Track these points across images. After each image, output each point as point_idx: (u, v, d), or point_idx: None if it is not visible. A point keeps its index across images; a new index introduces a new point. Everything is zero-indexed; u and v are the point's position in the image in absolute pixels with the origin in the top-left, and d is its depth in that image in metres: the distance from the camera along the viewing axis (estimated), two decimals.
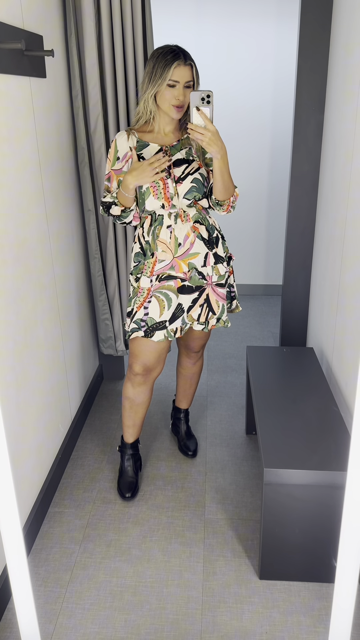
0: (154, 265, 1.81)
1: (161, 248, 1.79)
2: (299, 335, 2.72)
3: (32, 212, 1.82)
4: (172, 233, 1.78)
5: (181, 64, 1.64)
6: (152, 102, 1.71)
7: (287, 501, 1.57)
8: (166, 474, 2.15)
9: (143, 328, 1.83)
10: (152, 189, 1.74)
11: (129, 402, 1.99)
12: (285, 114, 3.66)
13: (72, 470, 2.17)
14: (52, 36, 2.04)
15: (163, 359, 1.94)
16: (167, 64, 1.63)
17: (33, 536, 1.83)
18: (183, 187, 1.75)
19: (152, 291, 1.82)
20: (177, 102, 1.68)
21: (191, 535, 1.85)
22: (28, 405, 1.80)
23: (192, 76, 1.67)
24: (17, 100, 1.68)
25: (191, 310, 1.87)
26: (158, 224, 1.79)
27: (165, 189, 1.74)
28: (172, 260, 1.80)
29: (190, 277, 1.83)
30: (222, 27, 3.51)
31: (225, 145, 1.62)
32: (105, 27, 2.17)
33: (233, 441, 2.35)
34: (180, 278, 1.82)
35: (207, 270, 1.84)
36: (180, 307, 1.84)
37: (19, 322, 1.71)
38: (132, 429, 2.05)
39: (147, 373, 1.93)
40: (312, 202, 2.49)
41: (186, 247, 1.79)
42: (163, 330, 1.84)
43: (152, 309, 1.82)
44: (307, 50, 2.27)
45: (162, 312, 1.82)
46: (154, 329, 1.83)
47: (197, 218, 1.80)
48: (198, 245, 1.81)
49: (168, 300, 1.82)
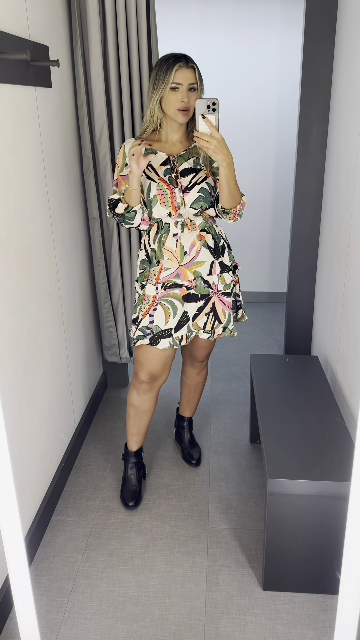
0: (160, 273, 1.81)
1: (167, 256, 1.80)
2: (303, 344, 2.71)
3: (37, 220, 1.83)
4: (178, 241, 1.78)
5: (183, 66, 1.65)
6: (158, 109, 1.72)
7: (291, 511, 1.56)
8: (169, 482, 2.14)
9: (148, 336, 1.83)
10: (160, 197, 1.74)
11: (134, 409, 1.99)
12: (290, 123, 3.67)
13: (75, 479, 2.17)
14: (58, 46, 2.06)
15: (169, 366, 1.93)
16: (169, 67, 1.65)
17: (36, 544, 1.82)
18: (190, 196, 1.75)
19: (158, 299, 1.82)
20: (182, 105, 1.67)
21: (194, 545, 1.84)
22: (31, 413, 1.80)
23: (195, 78, 1.68)
24: (22, 110, 1.70)
25: (197, 318, 1.87)
26: (164, 232, 1.79)
27: (173, 198, 1.75)
28: (178, 268, 1.80)
29: (195, 285, 1.83)
30: (227, 36, 3.54)
31: (231, 153, 1.63)
32: (110, 36, 2.18)
33: (237, 450, 2.34)
34: (185, 286, 1.82)
35: (212, 278, 1.84)
36: (185, 315, 1.84)
37: (23, 330, 1.72)
38: (137, 437, 2.04)
39: (152, 381, 1.92)
40: (316, 211, 2.49)
41: (192, 255, 1.80)
42: (168, 338, 1.83)
43: (157, 316, 1.82)
44: (311, 61, 2.28)
45: (168, 320, 1.82)
46: (159, 336, 1.83)
47: (203, 227, 1.80)
48: (204, 253, 1.81)
49: (173, 308, 1.82)
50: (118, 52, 2.23)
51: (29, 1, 1.74)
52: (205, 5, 3.49)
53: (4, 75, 1.54)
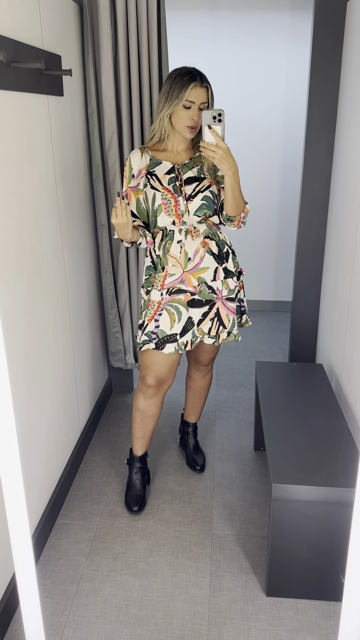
0: (165, 279, 1.84)
1: (171, 262, 1.83)
2: (308, 352, 2.72)
3: (47, 225, 1.86)
4: (182, 248, 1.81)
5: (197, 85, 1.68)
6: (167, 122, 1.76)
7: (295, 517, 1.56)
8: (174, 488, 2.15)
9: (154, 340, 1.86)
10: (164, 206, 1.78)
11: (140, 414, 2.00)
12: (296, 133, 3.71)
13: (80, 482, 2.18)
14: (70, 56, 2.10)
15: (174, 371, 1.95)
16: (184, 85, 1.68)
17: (40, 547, 1.83)
18: (193, 204, 1.78)
19: (163, 304, 1.85)
20: (192, 122, 1.72)
21: (198, 550, 1.84)
22: (38, 416, 1.82)
23: (207, 98, 1.72)
24: (35, 118, 1.73)
25: (202, 323, 1.89)
26: (169, 239, 1.82)
27: (177, 206, 1.78)
28: (182, 274, 1.83)
29: (200, 291, 1.85)
30: (235, 48, 3.59)
31: (236, 163, 1.67)
32: (121, 47, 2.22)
33: (241, 457, 2.35)
34: (190, 292, 1.84)
35: (216, 284, 1.87)
36: (190, 320, 1.86)
37: (32, 333, 1.74)
38: (142, 442, 2.06)
39: (159, 385, 1.94)
40: (322, 220, 2.51)
41: (196, 261, 1.82)
42: (174, 343, 1.86)
43: (162, 321, 1.85)
44: (319, 72, 2.31)
45: (173, 325, 1.85)
46: (164, 341, 1.85)
47: (207, 234, 1.83)
48: (208, 259, 1.84)
49: (178, 314, 1.84)
50: (129, 62, 2.27)
51: (43, 12, 1.78)
52: (214, 17, 3.54)
53: (19, 83, 1.58)
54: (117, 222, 1.67)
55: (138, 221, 1.87)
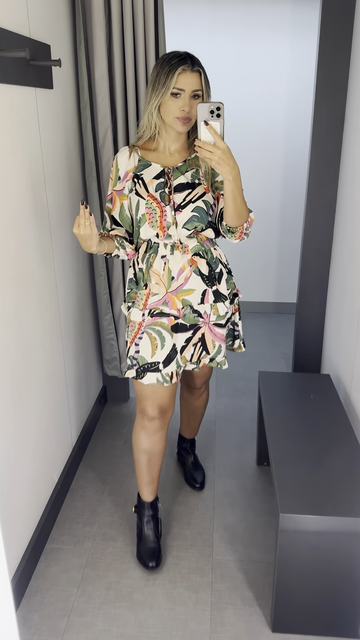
0: (147, 298, 1.62)
1: (154, 279, 1.60)
2: (313, 361, 2.59)
3: (35, 229, 1.72)
4: (166, 264, 1.59)
5: (187, 69, 1.44)
6: (156, 115, 1.52)
7: (304, 548, 1.43)
8: (171, 507, 2.02)
9: (135, 367, 1.64)
10: (148, 216, 1.55)
11: (146, 455, 1.74)
12: (299, 128, 3.56)
13: (71, 502, 2.04)
14: (60, 45, 1.95)
15: (175, 395, 1.74)
16: (171, 69, 1.44)
17: (28, 576, 1.70)
18: (183, 215, 1.55)
19: (144, 327, 1.63)
20: (182, 113, 1.47)
21: (198, 579, 1.71)
22: (26, 431, 1.68)
23: (200, 84, 1.47)
24: (21, 112, 1.59)
25: (184, 350, 1.66)
26: (153, 252, 1.60)
27: (163, 217, 1.55)
28: (166, 294, 1.60)
29: (184, 314, 1.63)
30: (236, 38, 3.44)
31: (238, 165, 1.39)
32: (116, 36, 2.08)
33: (243, 472, 2.22)
34: (173, 315, 1.62)
35: (204, 308, 1.64)
36: (174, 348, 1.63)
37: (19, 345, 1.60)
38: (151, 486, 1.80)
39: (162, 415, 1.70)
40: (329, 221, 2.38)
41: (180, 281, 1.59)
42: (156, 373, 1.61)
43: (143, 347, 1.62)
44: (327, 65, 2.17)
45: (155, 352, 1.61)
46: (145, 369, 1.62)
47: (197, 250, 1.60)
48: (194, 281, 1.60)
49: (161, 339, 1.61)
50: (124, 52, 2.12)
51: None
52: (214, 5, 3.39)
53: (2, 74, 1.43)
54: (79, 234, 1.46)
55: (118, 230, 1.66)
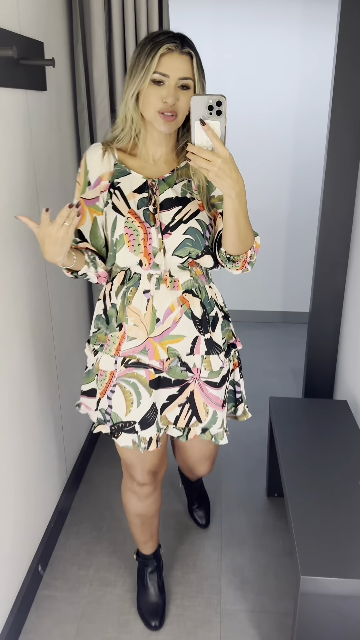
0: (121, 343, 1.30)
1: (132, 320, 1.27)
2: (326, 385, 2.41)
3: (25, 245, 1.55)
4: (149, 302, 1.26)
5: (175, 50, 1.11)
6: (133, 107, 1.18)
7: (327, 614, 1.27)
8: (175, 547, 1.85)
9: (108, 423, 1.37)
10: (128, 237, 1.21)
11: (140, 519, 1.53)
12: (309, 128, 3.39)
13: (66, 540, 1.88)
14: (55, 43, 1.78)
15: (166, 451, 1.48)
16: (154, 48, 1.10)
17: (17, 630, 1.53)
18: (172, 239, 1.22)
19: (116, 378, 1.32)
20: (164, 106, 1.13)
21: (205, 634, 1.55)
22: (13, 472, 1.52)
23: (190, 71, 1.13)
24: (9, 116, 1.42)
25: (166, 409, 1.34)
26: (133, 284, 1.26)
27: (147, 240, 1.22)
28: (146, 340, 1.28)
29: (168, 367, 1.31)
30: (242, 34, 3.26)
31: (242, 178, 1.05)
32: (116, 33, 1.91)
33: (252, 506, 2.05)
34: (154, 368, 1.30)
35: (194, 360, 1.32)
36: (154, 407, 1.32)
37: (5, 379, 1.44)
38: (150, 542, 1.61)
39: (154, 477, 1.47)
40: (346, 231, 2.20)
41: (167, 325, 1.27)
42: (132, 434, 1.33)
43: (116, 402, 1.33)
44: (346, 63, 2.00)
45: (129, 410, 1.31)
46: (119, 428, 1.34)
47: (190, 286, 1.28)
48: (184, 325, 1.28)
49: (137, 395, 1.30)
50: (125, 51, 1.95)
51: None
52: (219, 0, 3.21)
53: None
54: (50, 234, 1.06)
55: (88, 244, 1.30)
